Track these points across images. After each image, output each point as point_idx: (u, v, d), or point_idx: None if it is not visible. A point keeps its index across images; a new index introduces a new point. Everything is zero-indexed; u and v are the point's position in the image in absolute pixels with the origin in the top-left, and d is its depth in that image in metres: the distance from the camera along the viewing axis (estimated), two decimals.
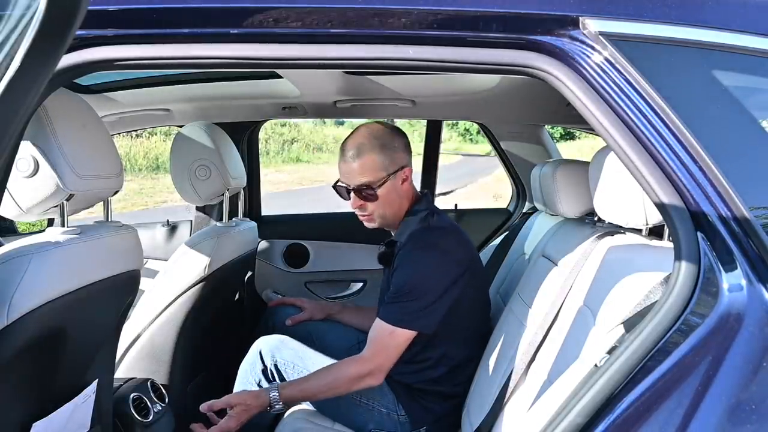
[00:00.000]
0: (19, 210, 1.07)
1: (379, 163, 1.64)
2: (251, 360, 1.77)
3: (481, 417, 1.41)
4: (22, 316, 0.95)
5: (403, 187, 1.70)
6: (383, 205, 1.68)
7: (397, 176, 1.67)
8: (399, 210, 1.72)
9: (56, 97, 1.01)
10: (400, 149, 1.68)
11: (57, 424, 1.12)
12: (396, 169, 1.67)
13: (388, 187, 1.66)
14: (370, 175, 1.65)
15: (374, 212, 1.69)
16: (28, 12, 0.61)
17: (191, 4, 0.93)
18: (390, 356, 1.56)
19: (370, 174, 1.65)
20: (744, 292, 0.83)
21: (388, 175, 1.65)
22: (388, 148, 1.66)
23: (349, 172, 1.67)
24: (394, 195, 1.68)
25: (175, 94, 2.24)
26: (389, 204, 1.69)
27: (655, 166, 0.87)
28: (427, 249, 1.60)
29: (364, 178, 1.65)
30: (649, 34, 0.89)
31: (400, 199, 1.70)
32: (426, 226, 1.66)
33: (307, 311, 2.09)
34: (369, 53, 0.94)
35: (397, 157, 1.67)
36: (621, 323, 1.02)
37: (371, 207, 1.68)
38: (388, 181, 1.66)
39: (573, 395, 0.90)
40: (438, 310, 1.56)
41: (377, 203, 1.67)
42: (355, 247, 2.74)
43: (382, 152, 1.65)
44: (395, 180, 1.67)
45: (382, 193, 1.66)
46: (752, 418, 0.80)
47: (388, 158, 1.65)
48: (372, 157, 1.64)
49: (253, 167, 2.74)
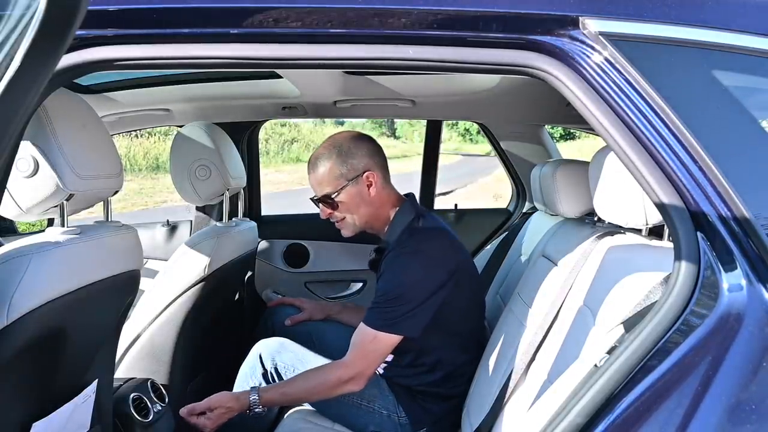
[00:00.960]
0: (19, 210, 1.07)
1: (336, 171, 1.65)
2: (251, 363, 1.77)
3: (481, 417, 1.41)
4: (22, 316, 0.95)
5: (371, 192, 1.67)
6: (350, 211, 1.68)
7: (359, 182, 1.66)
8: (373, 216, 1.70)
9: (56, 97, 1.01)
10: (359, 155, 1.67)
11: (57, 424, 1.12)
12: (356, 175, 1.65)
13: (350, 193, 1.66)
14: (328, 185, 1.66)
15: (344, 220, 1.70)
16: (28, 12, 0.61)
17: (191, 4, 0.93)
18: (371, 362, 1.56)
19: (327, 183, 1.66)
20: (744, 292, 0.83)
21: (348, 181, 1.65)
22: (345, 155, 1.65)
23: (313, 183, 1.71)
24: (359, 200, 1.67)
25: (175, 94, 2.24)
26: (356, 210, 1.68)
27: (655, 166, 0.87)
28: (411, 255, 1.59)
29: (324, 188, 1.67)
30: (649, 34, 0.89)
31: (371, 205, 1.68)
32: (410, 231, 1.65)
33: (307, 311, 2.09)
34: (369, 53, 0.94)
35: (356, 163, 1.66)
36: (621, 323, 1.02)
37: (338, 215, 1.70)
38: (348, 187, 1.65)
39: (573, 395, 0.90)
40: (421, 314, 1.55)
41: (342, 211, 1.68)
42: (355, 248, 2.74)
43: (338, 160, 1.65)
44: (358, 186, 1.66)
45: (343, 199, 1.66)
46: (752, 418, 0.80)
47: (346, 165, 1.65)
48: (327, 166, 1.65)
49: (253, 167, 2.74)
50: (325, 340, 2.02)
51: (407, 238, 1.63)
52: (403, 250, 1.60)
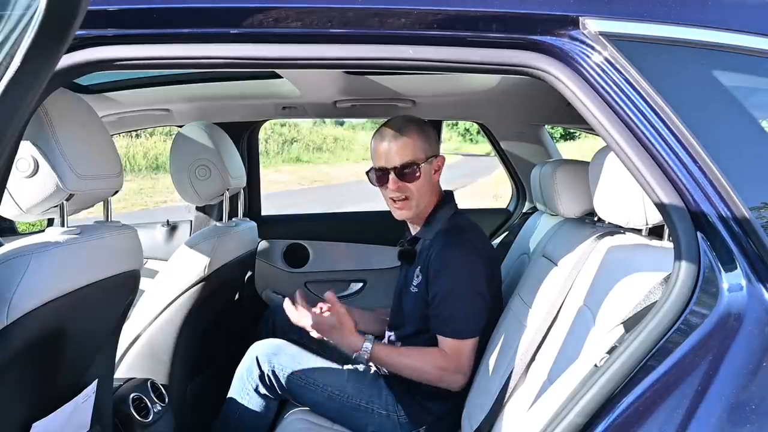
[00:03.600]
0: (19, 210, 1.07)
1: (420, 145, 1.65)
2: (247, 365, 1.76)
3: (481, 417, 1.41)
4: (22, 316, 0.95)
5: (435, 177, 1.71)
6: (421, 190, 1.67)
7: (432, 163, 1.69)
8: (430, 202, 1.72)
9: (56, 97, 1.01)
10: (434, 138, 1.72)
11: (57, 424, 1.12)
12: (432, 155, 1.68)
13: (426, 171, 1.67)
14: (413, 154, 1.64)
15: (412, 197, 1.67)
16: (28, 12, 0.61)
17: (191, 4, 0.93)
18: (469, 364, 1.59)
19: (413, 152, 1.64)
20: (744, 291, 0.83)
21: (427, 158, 1.66)
22: (425, 133, 1.68)
23: (389, 152, 1.65)
24: (427, 181, 1.68)
25: (175, 94, 2.24)
26: (425, 191, 1.69)
27: (655, 166, 0.87)
28: (465, 250, 1.62)
29: (407, 157, 1.64)
30: (649, 34, 0.89)
31: (432, 191, 1.71)
32: (458, 226, 1.68)
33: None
34: (369, 53, 0.94)
35: (433, 144, 1.69)
36: (621, 323, 1.02)
37: (411, 189, 1.66)
38: (426, 163, 1.66)
39: (573, 395, 0.90)
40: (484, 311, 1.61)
41: (417, 186, 1.66)
42: (356, 247, 2.74)
43: (421, 135, 1.66)
44: (430, 167, 1.68)
45: (418, 174, 1.65)
46: (752, 418, 0.80)
47: (427, 142, 1.67)
48: (414, 137, 1.65)
49: (253, 167, 2.74)
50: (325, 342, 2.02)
51: (457, 231, 1.65)
52: (456, 245, 1.62)
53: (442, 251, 1.61)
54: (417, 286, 1.67)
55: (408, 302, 1.71)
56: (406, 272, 1.77)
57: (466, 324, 1.59)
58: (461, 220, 1.71)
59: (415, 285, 1.67)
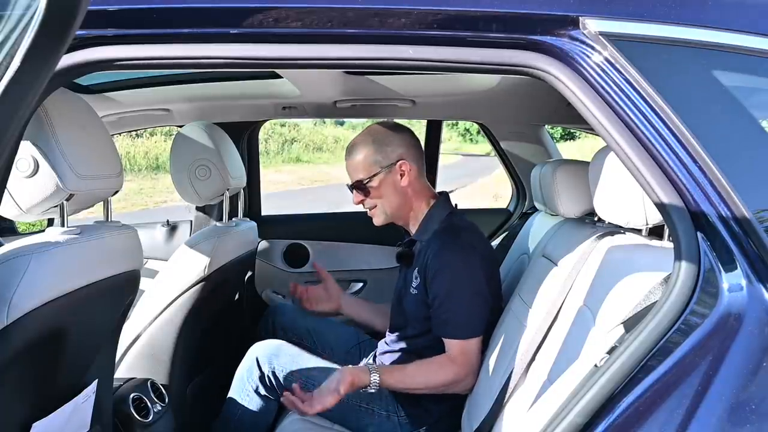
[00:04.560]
0: (19, 210, 1.07)
1: (371, 158, 1.69)
2: (248, 366, 1.76)
3: (481, 417, 1.41)
4: (23, 315, 0.95)
5: (403, 182, 1.70)
6: (382, 199, 1.72)
7: (392, 170, 1.69)
8: (404, 206, 1.73)
9: (56, 97, 1.01)
10: (395, 144, 1.71)
11: (57, 424, 1.12)
12: (389, 163, 1.69)
13: (383, 181, 1.69)
14: (363, 171, 1.70)
15: (375, 207, 1.73)
16: (28, 12, 0.61)
17: (191, 4, 0.93)
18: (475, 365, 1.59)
19: (362, 169, 1.70)
20: (744, 292, 0.83)
21: (381, 168, 1.69)
22: (380, 143, 1.70)
23: (348, 169, 1.75)
24: (391, 189, 1.70)
25: (175, 94, 2.24)
26: (388, 198, 1.71)
27: (655, 166, 0.87)
28: (462, 250, 1.62)
29: (359, 174, 1.71)
30: (649, 34, 0.89)
31: (402, 195, 1.72)
32: (454, 226, 1.68)
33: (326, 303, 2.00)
34: (369, 53, 0.94)
35: (390, 151, 1.70)
36: (621, 323, 1.02)
37: (369, 202, 1.73)
38: (380, 174, 1.69)
39: (573, 395, 0.90)
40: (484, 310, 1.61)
41: (374, 198, 1.72)
42: (356, 247, 2.74)
43: (373, 147, 1.70)
44: (391, 174, 1.70)
45: (375, 185, 1.70)
46: (752, 418, 0.80)
47: (381, 153, 1.69)
48: (363, 153, 1.70)
49: (253, 167, 2.74)
50: (324, 341, 2.02)
51: (451, 233, 1.66)
52: (452, 245, 1.62)
53: (439, 252, 1.61)
54: (416, 288, 1.67)
55: (409, 304, 1.71)
56: (405, 274, 1.77)
57: (469, 324, 1.59)
58: (457, 220, 1.71)
59: (414, 287, 1.68)
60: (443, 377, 1.58)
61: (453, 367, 1.58)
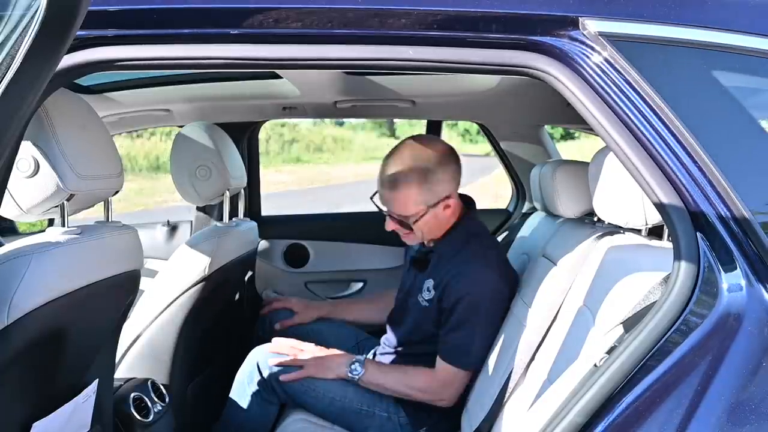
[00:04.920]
0: (20, 210, 1.07)
1: (419, 198, 1.55)
2: (248, 370, 1.75)
3: (481, 417, 1.41)
4: (23, 315, 0.95)
5: (446, 212, 1.61)
6: (424, 227, 1.62)
7: (438, 206, 1.58)
8: (440, 229, 1.66)
9: (56, 98, 1.01)
10: (444, 180, 1.57)
11: (57, 424, 1.12)
12: (437, 201, 1.57)
13: (427, 217, 1.59)
14: (406, 209, 1.56)
15: (411, 233, 1.64)
16: (28, 12, 0.61)
17: (191, 5, 0.93)
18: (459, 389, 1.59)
19: (405, 208, 1.56)
20: (743, 292, 0.83)
21: (428, 207, 1.57)
22: (429, 180, 1.54)
23: (386, 199, 1.60)
24: (433, 222, 1.61)
25: (175, 94, 2.24)
26: (428, 226, 1.62)
27: (655, 167, 0.87)
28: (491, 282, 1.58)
29: (401, 210, 1.57)
30: (648, 35, 0.90)
31: (442, 223, 1.65)
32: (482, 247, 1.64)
33: (298, 316, 2.07)
34: (369, 53, 0.94)
35: (440, 189, 1.56)
36: (620, 323, 1.02)
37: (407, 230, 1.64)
38: (427, 214, 1.57)
39: (572, 395, 0.90)
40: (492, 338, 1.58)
41: (417, 227, 1.61)
42: (356, 247, 2.73)
43: (421, 185, 1.54)
44: (436, 210, 1.59)
45: (419, 223, 1.59)
46: (751, 418, 0.80)
47: (429, 191, 1.55)
48: (410, 191, 1.54)
49: (253, 167, 2.74)
50: (323, 340, 2.01)
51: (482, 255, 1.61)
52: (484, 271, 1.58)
53: (468, 280, 1.55)
54: (429, 300, 1.64)
55: (417, 312, 1.69)
56: (415, 277, 1.74)
57: (471, 355, 1.57)
58: (484, 239, 1.67)
59: (427, 299, 1.65)
60: (422, 395, 1.60)
61: (437, 389, 1.59)
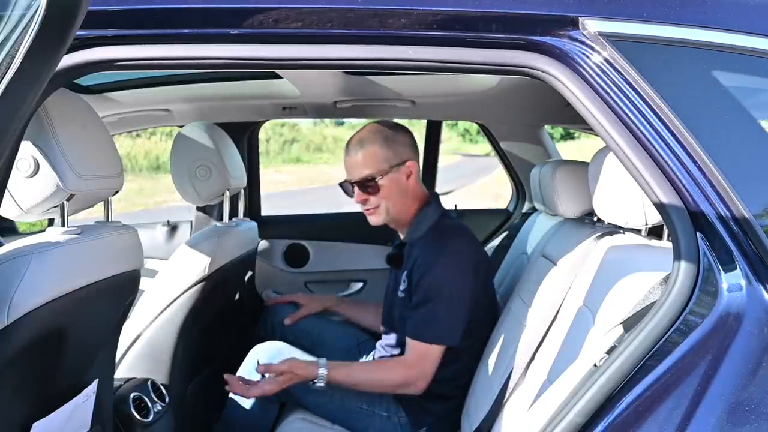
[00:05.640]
0: (20, 210, 1.07)
1: (381, 155, 1.65)
2: (248, 369, 1.76)
3: (481, 417, 1.41)
4: (23, 315, 0.95)
5: (409, 183, 1.69)
6: (387, 198, 1.68)
7: (400, 170, 1.68)
8: (405, 207, 1.71)
9: (56, 98, 1.01)
10: (403, 144, 1.69)
11: (57, 424, 1.12)
12: (399, 162, 1.67)
13: (391, 179, 1.67)
14: (372, 167, 1.66)
15: (378, 206, 1.69)
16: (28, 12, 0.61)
17: (191, 5, 0.93)
18: (429, 369, 1.58)
19: (371, 165, 1.66)
20: (743, 292, 0.83)
21: (391, 167, 1.66)
22: (390, 141, 1.67)
23: (352, 165, 1.69)
24: (397, 189, 1.68)
25: (175, 94, 2.24)
26: (393, 198, 1.68)
27: (654, 167, 0.87)
28: (449, 255, 1.60)
29: (366, 169, 1.66)
30: (648, 34, 0.90)
31: (406, 196, 1.70)
32: (443, 230, 1.67)
33: (305, 307, 2.09)
34: (369, 53, 0.94)
35: (400, 150, 1.68)
36: (620, 323, 1.02)
37: (374, 200, 1.69)
38: (390, 173, 1.66)
39: (572, 395, 0.90)
40: (462, 317, 1.58)
41: (380, 196, 1.68)
42: (356, 247, 2.74)
43: (384, 144, 1.66)
44: (398, 174, 1.67)
45: (384, 184, 1.66)
46: (751, 418, 0.80)
47: (391, 151, 1.67)
48: (374, 149, 1.66)
49: (253, 167, 2.74)
50: (324, 341, 2.02)
51: (442, 236, 1.65)
52: (439, 249, 1.61)
53: (426, 258, 1.60)
54: (403, 291, 1.67)
55: (397, 307, 1.72)
56: (395, 276, 1.77)
57: (437, 329, 1.57)
58: (449, 223, 1.70)
59: (402, 290, 1.68)
60: (391, 379, 1.59)
61: (403, 369, 1.58)
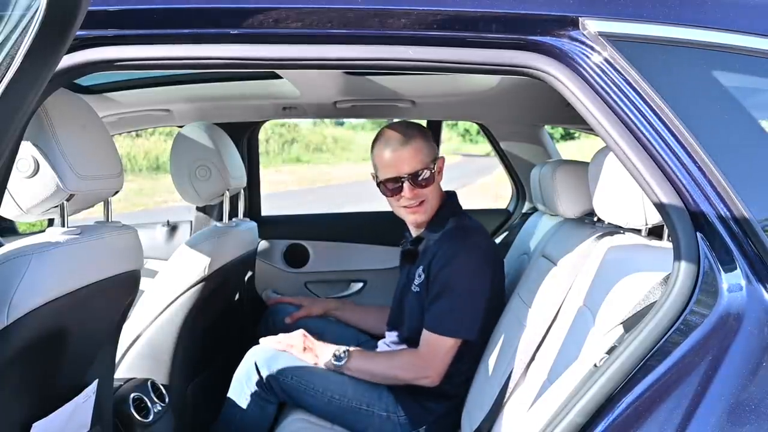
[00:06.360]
0: (20, 210, 1.07)
1: (426, 149, 1.66)
2: (246, 370, 1.75)
3: (481, 416, 1.41)
4: (23, 315, 0.95)
5: (439, 178, 1.72)
6: (433, 193, 1.69)
7: (435, 166, 1.69)
8: (438, 202, 1.73)
9: (56, 98, 1.01)
10: (433, 140, 1.74)
11: (57, 424, 1.12)
12: (436, 157, 1.70)
13: (433, 174, 1.68)
14: (423, 160, 1.64)
15: (427, 201, 1.68)
16: (28, 12, 0.61)
17: (191, 5, 0.93)
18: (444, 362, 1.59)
19: (422, 159, 1.64)
20: (743, 292, 0.83)
21: (432, 160, 1.68)
22: (428, 136, 1.70)
23: (400, 159, 1.64)
24: (435, 183, 1.70)
25: (175, 94, 2.24)
26: (435, 193, 1.70)
27: (655, 167, 0.87)
28: (471, 250, 1.62)
29: (418, 163, 1.64)
30: (648, 34, 0.90)
31: (439, 191, 1.73)
32: (464, 227, 1.69)
33: (305, 308, 2.11)
34: (369, 54, 0.94)
35: (434, 146, 1.73)
36: (620, 323, 1.02)
37: (425, 193, 1.67)
38: (433, 166, 1.68)
39: (572, 395, 0.90)
40: (480, 314, 1.60)
41: (430, 189, 1.67)
42: (356, 247, 2.74)
43: (425, 139, 1.67)
44: (435, 168, 1.69)
45: (430, 179, 1.66)
46: (751, 418, 0.80)
47: (429, 146, 1.69)
48: (420, 143, 1.65)
49: (253, 167, 2.74)
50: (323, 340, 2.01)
51: (463, 232, 1.66)
52: (461, 241, 1.63)
53: (448, 251, 1.61)
54: (419, 285, 1.67)
55: (409, 302, 1.71)
56: (408, 271, 1.77)
57: (453, 322, 1.58)
58: (467, 221, 1.72)
59: (417, 284, 1.68)
60: (404, 373, 1.61)
61: (417, 362, 1.59)
